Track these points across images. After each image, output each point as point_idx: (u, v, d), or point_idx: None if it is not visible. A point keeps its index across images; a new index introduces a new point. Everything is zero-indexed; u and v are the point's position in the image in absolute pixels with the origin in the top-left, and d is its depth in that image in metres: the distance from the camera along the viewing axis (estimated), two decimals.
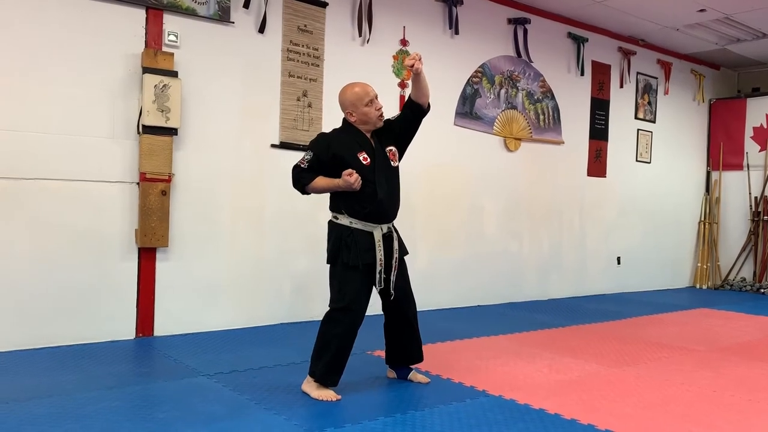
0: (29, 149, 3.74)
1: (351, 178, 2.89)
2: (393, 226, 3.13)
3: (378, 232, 3.01)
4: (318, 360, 3.00)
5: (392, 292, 3.07)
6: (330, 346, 2.98)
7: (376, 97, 3.06)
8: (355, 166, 2.96)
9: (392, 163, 3.12)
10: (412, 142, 3.25)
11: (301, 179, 3.04)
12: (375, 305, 3.21)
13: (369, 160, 3.02)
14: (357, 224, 3.00)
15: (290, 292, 4.75)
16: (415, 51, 3.06)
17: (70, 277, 3.87)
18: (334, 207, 3.08)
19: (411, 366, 3.32)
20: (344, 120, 3.12)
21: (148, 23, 4.10)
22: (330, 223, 3.10)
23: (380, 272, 2.99)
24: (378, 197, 2.98)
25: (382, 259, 3.00)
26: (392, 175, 3.11)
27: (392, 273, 3.05)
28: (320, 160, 3.01)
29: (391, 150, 3.12)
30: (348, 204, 3.00)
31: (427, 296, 5.36)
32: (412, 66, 2.94)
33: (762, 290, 7.56)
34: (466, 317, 5.27)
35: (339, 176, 2.94)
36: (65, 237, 3.85)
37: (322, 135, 3.18)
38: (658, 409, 2.96)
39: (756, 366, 3.90)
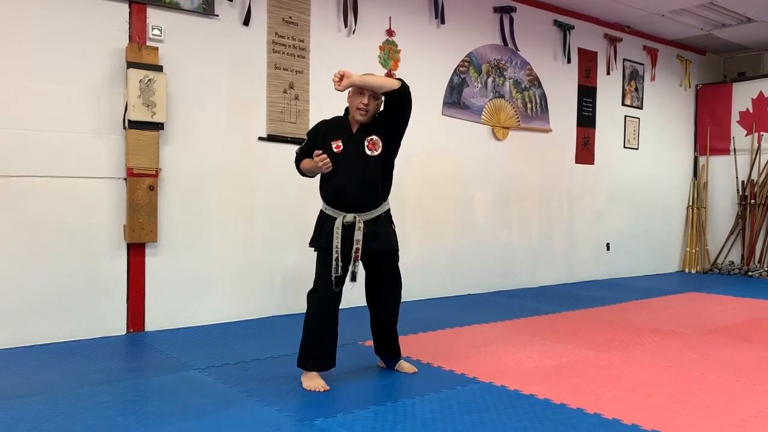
0: (15, 147, 3.71)
1: (317, 158, 2.98)
2: (374, 219, 3.07)
3: (339, 220, 3.01)
4: (300, 345, 3.08)
5: (352, 282, 3.04)
6: (304, 330, 3.06)
7: (372, 97, 3.03)
8: (326, 152, 3.02)
9: (369, 151, 3.06)
10: (404, 131, 3.18)
11: (295, 161, 3.23)
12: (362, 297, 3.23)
13: (341, 147, 3.06)
14: (329, 210, 3.08)
15: (281, 284, 4.76)
16: (338, 71, 2.99)
17: (60, 274, 3.86)
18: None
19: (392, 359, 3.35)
20: (345, 108, 3.19)
21: (132, 18, 4.07)
22: None
23: (336, 259, 2.99)
24: (337, 184, 3.02)
25: (339, 246, 2.99)
26: (366, 164, 3.05)
27: (351, 264, 3.02)
28: (310, 146, 3.14)
29: (371, 139, 3.06)
30: (322, 190, 3.13)
31: (417, 286, 5.40)
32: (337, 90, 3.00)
33: (750, 273, 7.64)
34: (456, 306, 5.30)
35: None
36: (53, 234, 3.84)
37: (319, 122, 3.24)
38: (646, 392, 3.00)
39: (743, 348, 3.95)
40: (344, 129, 3.11)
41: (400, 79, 3.04)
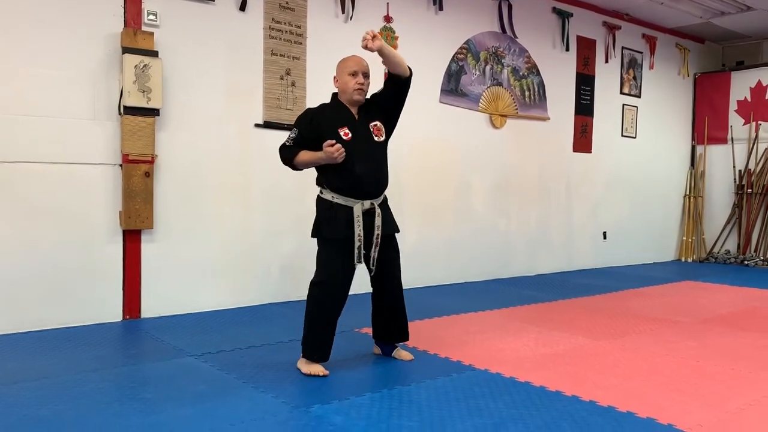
0: (10, 132, 3.68)
1: (332, 149, 2.89)
2: (381, 203, 3.10)
3: (358, 208, 2.99)
4: (304, 335, 3.04)
5: (372, 268, 3.07)
6: (310, 321, 3.02)
7: (365, 75, 3.04)
8: (336, 141, 2.94)
9: (376, 138, 3.08)
10: (400, 116, 3.21)
11: (287, 155, 3.09)
12: (361, 282, 3.22)
13: (350, 135, 3.01)
14: (339, 199, 3.01)
15: (278, 271, 4.75)
16: (370, 30, 2.96)
17: (55, 260, 3.84)
18: (318, 182, 3.11)
19: (395, 344, 3.34)
20: (333, 94, 3.14)
21: (127, 2, 4.02)
22: (317, 197, 3.12)
23: (359, 248, 2.98)
24: (355, 172, 2.97)
25: (361, 234, 2.98)
26: (375, 150, 3.07)
27: (373, 249, 3.04)
28: (303, 137, 3.05)
29: (375, 125, 3.08)
30: (329, 179, 3.03)
31: (415, 273, 5.39)
32: (366, 47, 2.92)
33: (746, 262, 7.66)
34: (454, 293, 5.30)
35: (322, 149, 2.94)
36: (49, 220, 3.82)
37: (306, 111, 3.18)
38: (643, 379, 3.00)
39: (739, 336, 3.95)
40: (346, 115, 3.06)
41: None
